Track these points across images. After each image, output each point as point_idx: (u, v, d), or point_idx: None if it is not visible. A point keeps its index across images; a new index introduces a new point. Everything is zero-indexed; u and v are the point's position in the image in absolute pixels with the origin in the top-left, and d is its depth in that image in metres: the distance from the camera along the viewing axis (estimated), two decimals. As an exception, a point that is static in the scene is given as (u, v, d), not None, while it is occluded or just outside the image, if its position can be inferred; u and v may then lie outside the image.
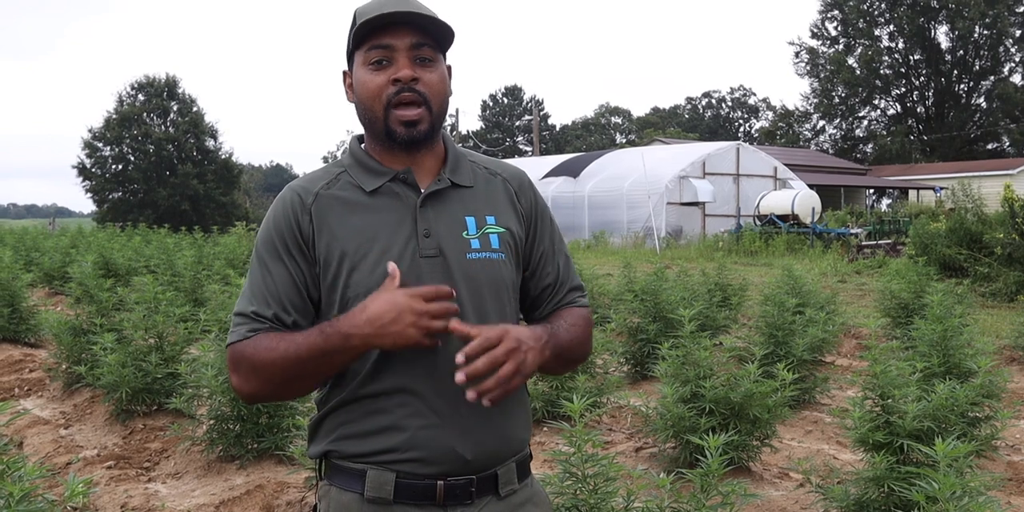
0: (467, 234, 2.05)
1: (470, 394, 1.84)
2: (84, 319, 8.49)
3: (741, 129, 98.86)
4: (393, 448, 1.96)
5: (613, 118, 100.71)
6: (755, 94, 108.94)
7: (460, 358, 1.82)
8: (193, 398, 6.42)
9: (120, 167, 53.64)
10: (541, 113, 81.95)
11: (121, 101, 55.11)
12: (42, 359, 9.60)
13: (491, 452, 2.01)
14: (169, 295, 8.09)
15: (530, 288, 2.19)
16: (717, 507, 3.57)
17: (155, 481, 6.01)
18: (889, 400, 4.66)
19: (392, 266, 1.90)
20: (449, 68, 2.11)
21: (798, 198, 29.39)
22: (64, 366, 8.30)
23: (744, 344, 7.51)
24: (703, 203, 32.40)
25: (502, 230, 2.09)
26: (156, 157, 52.67)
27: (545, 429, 6.84)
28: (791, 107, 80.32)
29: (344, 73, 2.12)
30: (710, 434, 3.84)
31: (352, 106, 2.11)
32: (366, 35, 2.00)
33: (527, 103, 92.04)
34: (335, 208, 2.03)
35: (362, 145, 2.14)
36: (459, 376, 1.82)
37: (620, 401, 7.28)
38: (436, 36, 2.03)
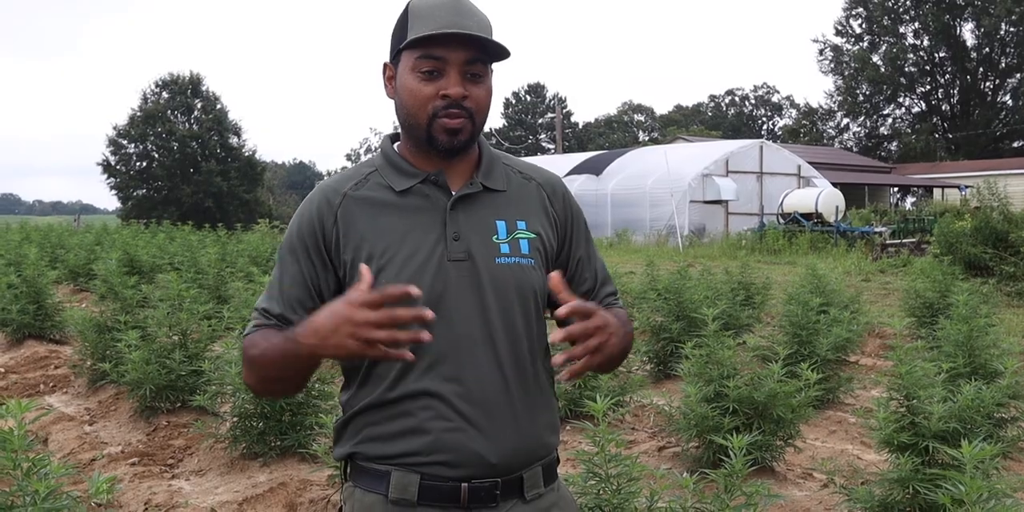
0: (497, 238, 2.04)
1: (558, 358, 1.85)
2: (108, 316, 8.52)
3: (764, 127, 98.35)
4: (417, 451, 1.96)
5: (636, 116, 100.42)
6: (779, 92, 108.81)
7: (563, 311, 1.82)
8: (217, 395, 6.43)
9: (144, 164, 53.97)
10: (564, 111, 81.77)
11: (145, 99, 55.43)
12: (67, 356, 9.66)
13: (516, 455, 2.00)
14: (193, 292, 8.10)
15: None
16: (741, 508, 3.55)
17: (179, 478, 6.03)
18: (914, 401, 4.63)
19: (364, 268, 1.83)
20: (491, 73, 2.08)
21: (822, 196, 29.26)
22: (89, 363, 8.34)
23: (768, 343, 7.48)
24: (726, 201, 32.28)
25: (532, 235, 2.08)
26: (180, 154, 52.96)
27: (568, 428, 6.83)
28: (815, 105, 79.93)
29: (385, 65, 2.09)
30: (733, 434, 3.82)
31: (389, 100, 2.09)
32: (420, 41, 1.97)
33: (550, 101, 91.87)
34: (364, 209, 2.03)
35: (394, 145, 2.13)
36: (558, 334, 1.82)
37: (643, 400, 7.26)
38: (491, 52, 2.00)
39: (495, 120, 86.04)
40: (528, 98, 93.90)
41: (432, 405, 1.95)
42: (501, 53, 2.02)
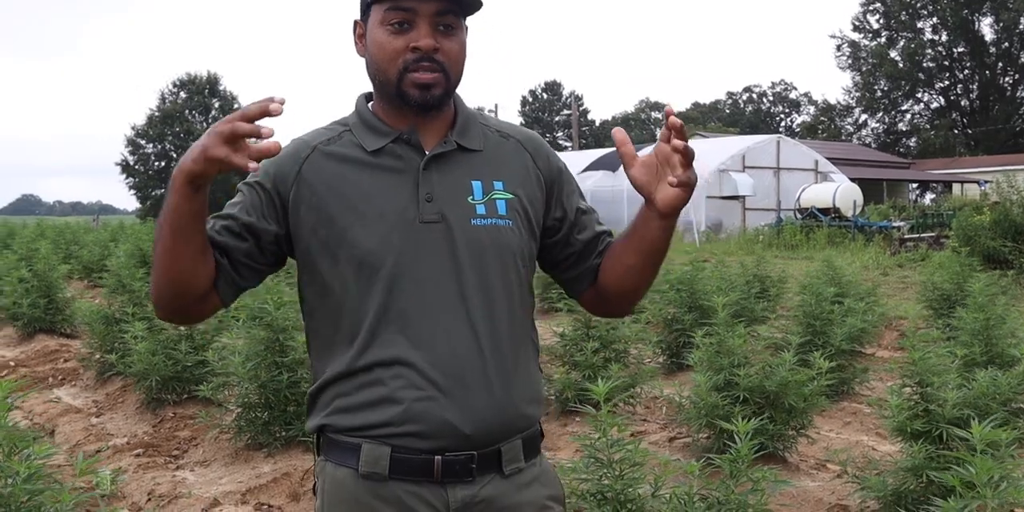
0: (472, 199, 1.95)
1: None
2: (117, 308, 8.49)
3: (783, 124, 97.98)
4: (388, 422, 1.86)
5: (653, 113, 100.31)
6: (796, 88, 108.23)
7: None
8: (222, 386, 6.37)
9: (163, 164, 54.20)
10: (580, 108, 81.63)
11: (164, 99, 55.71)
12: (77, 349, 9.63)
13: (492, 427, 1.90)
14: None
15: (573, 243, 2.09)
16: (747, 494, 3.46)
17: (183, 469, 5.98)
18: (928, 388, 4.53)
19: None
20: (466, 28, 2.00)
21: (839, 191, 29.05)
22: (97, 355, 8.32)
23: (782, 334, 7.38)
24: (743, 197, 32.09)
25: (510, 196, 1.99)
26: (197, 154, 53.16)
27: (577, 419, 6.75)
28: (833, 101, 79.66)
29: (356, 22, 2.00)
30: (742, 422, 3.73)
31: (360, 58, 2.00)
32: None
33: (566, 98, 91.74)
34: (332, 165, 1.95)
35: (369, 104, 2.04)
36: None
37: (654, 391, 7.18)
38: (462, 4, 1.92)
39: (512, 118, 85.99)
40: (545, 96, 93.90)
41: (402, 373, 1.86)
42: (473, 5, 1.93)
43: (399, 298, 1.88)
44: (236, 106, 55.39)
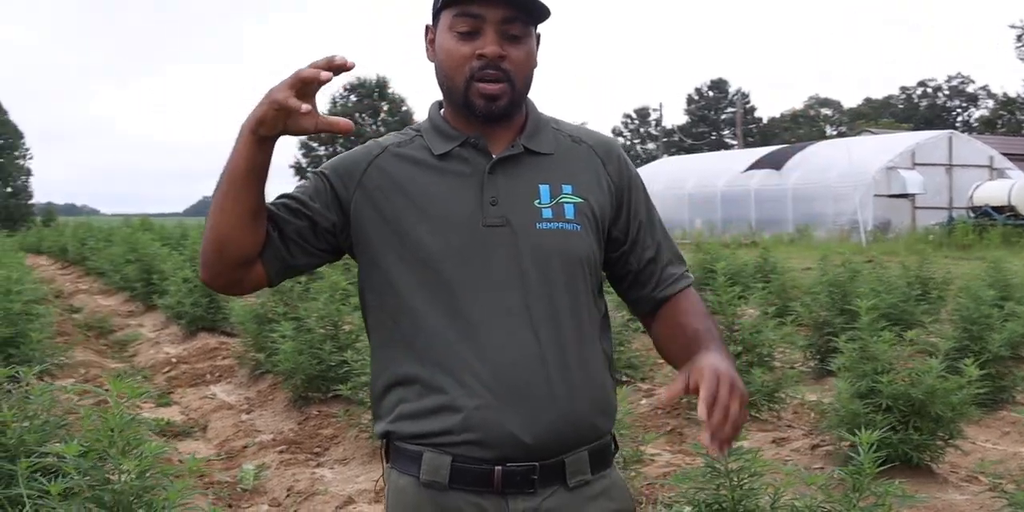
0: (539, 203, 1.91)
1: (703, 439, 1.69)
2: (269, 308, 8.73)
3: (959, 119, 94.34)
4: (448, 430, 1.84)
5: (823, 110, 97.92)
6: (974, 81, 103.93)
7: (703, 413, 1.67)
8: (363, 386, 6.47)
9: (335, 166, 55.73)
10: (747, 106, 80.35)
11: (334, 102, 57.23)
12: (234, 347, 9.95)
13: (555, 437, 1.85)
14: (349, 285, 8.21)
15: (631, 262, 2.04)
16: (871, 508, 3.30)
17: (323, 466, 6.10)
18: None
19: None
20: (538, 38, 1.98)
21: (1015, 188, 27.75)
22: (250, 353, 8.57)
23: (937, 338, 7.07)
24: (912, 195, 30.99)
25: (579, 200, 1.94)
26: (368, 156, 54.58)
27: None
28: (1013, 94, 76.11)
29: (427, 27, 2.00)
30: (868, 433, 3.57)
31: (431, 64, 2.00)
32: None
33: (732, 96, 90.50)
34: (401, 165, 1.96)
35: (440, 110, 2.03)
36: (709, 443, 1.68)
37: (796, 397, 7.00)
38: (530, 10, 1.89)
39: (677, 116, 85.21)
40: (711, 94, 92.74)
41: (463, 380, 1.83)
42: (542, 12, 1.91)
43: (460, 302, 1.86)
44: (404, 108, 56.53)
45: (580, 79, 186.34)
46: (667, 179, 37.51)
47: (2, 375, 3.72)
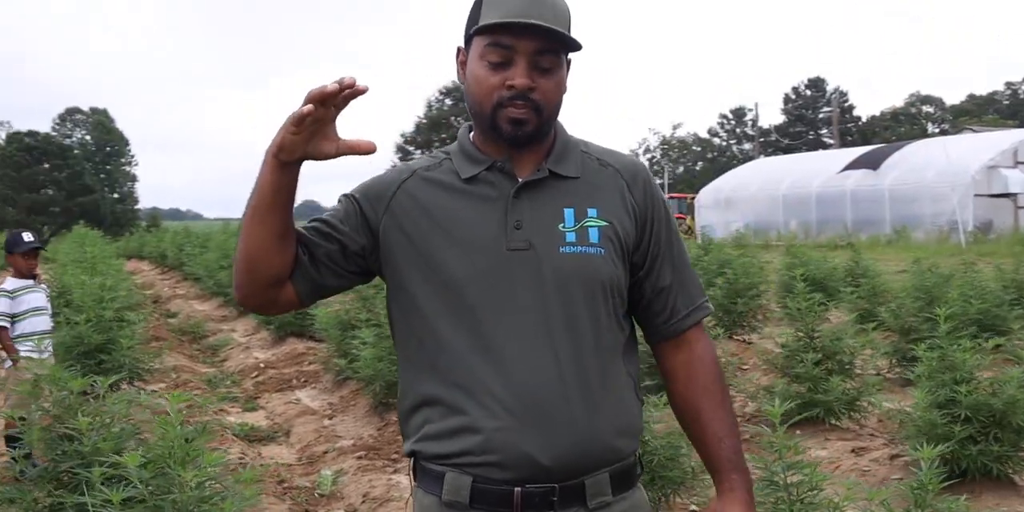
0: (563, 227, 1.93)
1: None
2: (352, 314, 8.86)
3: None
4: (469, 451, 1.87)
5: (924, 107, 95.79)
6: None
7: None
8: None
9: (431, 169, 56.42)
10: (845, 104, 78.97)
11: (430, 106, 57.75)
12: (320, 352, 10.12)
13: (575, 459, 1.87)
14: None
15: (646, 289, 2.04)
16: (933, 524, 3.25)
17: (399, 473, 6.17)
18: None
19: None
20: (568, 63, 1.99)
21: (1124, 187, 26.88)
22: (334, 359, 8.70)
23: (1025, 346, 6.89)
24: (1015, 194, 30.14)
25: (604, 223, 1.95)
26: (464, 159, 55.13)
27: (798, 432, 6.54)
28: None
29: (459, 49, 2.03)
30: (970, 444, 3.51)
31: (460, 83, 2.05)
32: (489, 28, 1.90)
33: (830, 95, 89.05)
34: (428, 189, 1.99)
35: (471, 134, 2.06)
36: None
37: (887, 404, 6.87)
38: (561, 42, 1.91)
39: (774, 116, 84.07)
40: (808, 93, 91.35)
41: (484, 402, 1.86)
42: (572, 45, 1.93)
43: (483, 325, 1.88)
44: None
45: (676, 80, 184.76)
46: (761, 180, 37.04)
47: (81, 385, 3.84)
